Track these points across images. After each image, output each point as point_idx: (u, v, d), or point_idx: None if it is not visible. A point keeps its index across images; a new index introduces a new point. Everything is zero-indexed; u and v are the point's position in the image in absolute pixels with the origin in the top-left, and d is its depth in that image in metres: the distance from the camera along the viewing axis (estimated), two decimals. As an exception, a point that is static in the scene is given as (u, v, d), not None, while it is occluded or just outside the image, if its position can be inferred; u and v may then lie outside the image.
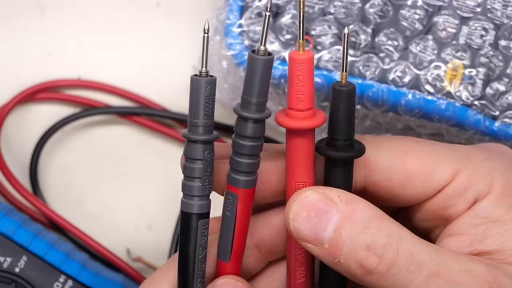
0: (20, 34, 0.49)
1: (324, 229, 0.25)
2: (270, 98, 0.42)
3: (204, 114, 0.25)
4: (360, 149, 0.27)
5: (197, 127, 0.26)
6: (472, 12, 0.39)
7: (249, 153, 0.26)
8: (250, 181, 0.27)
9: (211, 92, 0.25)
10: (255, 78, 0.25)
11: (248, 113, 0.26)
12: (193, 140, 0.26)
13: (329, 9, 0.40)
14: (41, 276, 0.40)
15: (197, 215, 0.27)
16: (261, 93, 0.25)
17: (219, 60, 0.42)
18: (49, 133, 0.47)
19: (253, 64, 0.25)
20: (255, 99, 0.26)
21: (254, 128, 0.26)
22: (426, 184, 0.28)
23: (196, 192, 0.26)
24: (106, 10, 0.49)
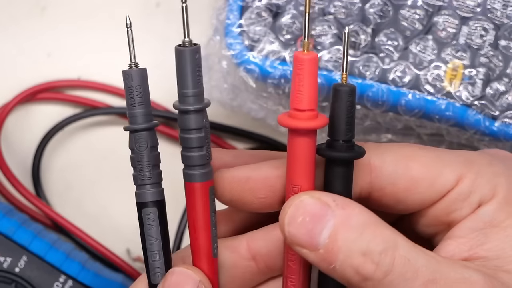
0: (20, 34, 0.49)
1: (320, 234, 0.25)
2: (270, 98, 0.42)
3: (139, 103, 0.26)
4: (360, 151, 0.27)
5: (136, 117, 0.26)
6: (472, 12, 0.39)
7: (198, 145, 0.26)
8: (207, 173, 0.27)
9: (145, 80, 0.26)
10: (186, 70, 0.26)
11: (187, 106, 0.26)
12: (134, 130, 0.26)
13: (329, 9, 0.40)
14: (41, 276, 0.40)
15: (140, 204, 0.27)
16: (195, 83, 0.26)
17: (219, 60, 0.42)
18: (51, 133, 0.47)
19: (181, 57, 0.26)
20: (191, 90, 0.26)
21: (198, 119, 0.26)
22: (431, 189, 0.28)
23: (146, 181, 0.27)
24: (106, 10, 0.49)
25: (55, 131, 0.47)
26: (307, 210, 0.26)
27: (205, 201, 0.27)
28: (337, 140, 0.27)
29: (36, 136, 0.48)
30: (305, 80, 0.26)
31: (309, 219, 0.25)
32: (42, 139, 0.47)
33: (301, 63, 0.26)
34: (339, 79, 0.39)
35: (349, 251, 0.25)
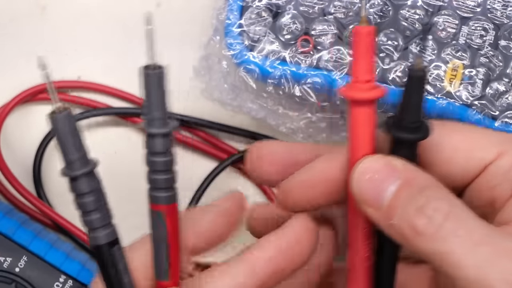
0: (19, 34, 0.49)
1: (385, 191, 0.26)
2: (270, 98, 0.42)
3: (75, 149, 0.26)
4: (427, 130, 0.27)
5: (73, 163, 0.26)
6: (472, 12, 0.39)
7: (165, 168, 0.26)
8: (173, 196, 0.27)
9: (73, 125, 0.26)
10: (153, 93, 0.26)
11: (155, 129, 0.26)
12: (74, 177, 0.26)
13: (329, 9, 0.40)
14: (41, 276, 0.40)
15: (107, 244, 0.26)
16: (162, 106, 0.26)
17: (219, 60, 0.42)
18: (52, 134, 0.47)
19: (148, 80, 0.26)
20: (158, 113, 0.26)
21: (164, 143, 0.26)
22: (471, 161, 0.28)
23: (100, 223, 0.26)
24: (106, 10, 0.49)
25: (56, 131, 0.47)
26: (376, 169, 0.26)
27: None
28: (405, 120, 0.27)
29: (36, 137, 0.48)
30: (364, 51, 0.26)
31: (377, 176, 0.26)
32: (43, 140, 0.47)
33: (359, 36, 0.26)
34: (339, 79, 0.39)
35: (406, 206, 0.25)
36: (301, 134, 0.44)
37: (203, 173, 0.47)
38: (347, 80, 0.40)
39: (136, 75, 0.49)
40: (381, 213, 0.26)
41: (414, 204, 0.25)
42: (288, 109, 0.42)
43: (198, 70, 0.43)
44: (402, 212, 0.25)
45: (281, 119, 0.43)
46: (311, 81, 0.40)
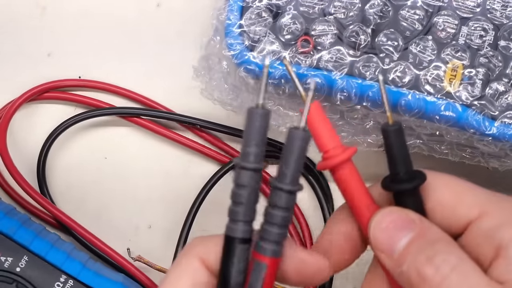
0: (20, 34, 0.49)
1: (398, 241, 0.28)
2: (270, 98, 0.42)
3: (256, 144, 0.26)
4: (421, 177, 0.29)
5: (249, 156, 0.26)
6: (472, 12, 0.39)
7: (282, 223, 0.27)
8: (279, 251, 0.27)
9: (265, 124, 0.26)
10: (294, 154, 0.27)
11: (284, 185, 0.27)
12: (243, 167, 0.26)
13: (329, 9, 0.40)
14: (42, 275, 0.40)
15: (239, 239, 0.27)
16: (299, 166, 0.27)
17: (219, 60, 0.42)
18: (56, 132, 0.47)
19: (295, 142, 0.27)
20: (293, 171, 0.27)
21: (290, 200, 0.27)
22: (453, 216, 0.29)
23: (241, 217, 0.27)
24: (106, 10, 0.50)
25: (61, 130, 0.47)
26: (393, 219, 0.28)
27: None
28: (397, 173, 0.29)
29: (41, 135, 0.48)
30: (318, 125, 0.29)
31: (392, 226, 0.28)
32: (47, 138, 0.47)
33: (309, 111, 0.27)
34: (339, 79, 0.39)
35: (417, 255, 0.27)
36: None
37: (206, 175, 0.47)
38: (347, 80, 0.40)
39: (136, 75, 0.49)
40: (393, 260, 0.28)
41: (424, 254, 0.27)
42: (288, 109, 0.43)
43: (198, 70, 0.43)
44: (412, 260, 0.27)
45: (281, 119, 0.43)
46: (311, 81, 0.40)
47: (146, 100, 0.48)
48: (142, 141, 0.49)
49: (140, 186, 0.48)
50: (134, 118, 0.48)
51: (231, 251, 0.27)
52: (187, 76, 0.44)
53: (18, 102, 0.47)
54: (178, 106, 0.48)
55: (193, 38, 0.45)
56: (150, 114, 0.48)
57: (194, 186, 0.47)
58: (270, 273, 0.27)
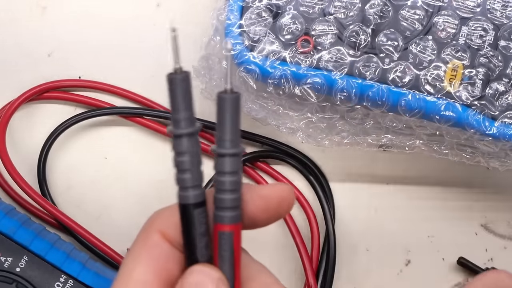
0: (20, 34, 0.49)
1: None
2: (270, 98, 0.42)
3: (184, 109, 0.26)
4: None
5: (180, 122, 0.26)
6: (472, 12, 0.39)
7: (233, 188, 0.27)
8: (238, 216, 0.27)
9: (188, 86, 0.26)
10: (227, 117, 0.26)
11: (226, 150, 0.27)
12: (178, 135, 0.26)
13: (329, 9, 0.40)
14: (42, 275, 0.40)
15: (193, 205, 0.27)
16: (236, 128, 0.26)
17: (219, 60, 0.42)
18: (56, 132, 0.47)
19: (223, 104, 0.26)
20: (231, 135, 0.26)
21: (235, 163, 0.27)
22: None
23: (189, 183, 0.27)
24: (106, 10, 0.50)
25: (61, 130, 0.47)
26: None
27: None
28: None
29: (41, 135, 0.48)
30: None
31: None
32: (47, 138, 0.47)
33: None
34: (339, 78, 0.39)
35: None
36: (301, 134, 0.44)
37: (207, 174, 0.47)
38: (347, 80, 0.40)
39: (136, 75, 0.49)
40: None
41: None
42: (288, 109, 0.43)
43: (198, 70, 0.43)
44: None
45: (281, 119, 0.43)
46: (311, 81, 0.40)
47: (146, 100, 0.48)
48: (142, 141, 0.49)
49: (140, 186, 0.48)
50: (135, 118, 0.48)
51: (189, 219, 0.27)
52: (187, 76, 0.43)
53: (18, 102, 0.47)
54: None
55: (193, 38, 0.45)
56: (150, 114, 0.48)
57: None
58: (236, 239, 0.27)
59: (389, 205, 0.48)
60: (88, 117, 0.47)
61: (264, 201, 0.28)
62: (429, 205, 0.48)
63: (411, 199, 0.48)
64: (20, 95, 0.47)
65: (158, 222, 0.28)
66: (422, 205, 0.48)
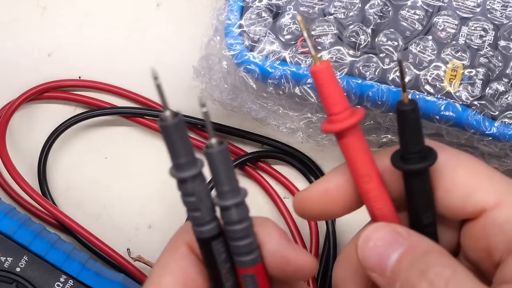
0: (20, 34, 0.49)
1: (388, 258, 0.27)
2: (270, 98, 0.42)
3: (183, 153, 0.25)
4: (432, 158, 0.28)
5: (181, 166, 0.26)
6: (472, 12, 0.39)
7: (245, 234, 0.27)
8: (258, 257, 0.27)
9: (183, 130, 0.25)
10: (220, 170, 0.26)
11: (228, 201, 0.26)
12: (182, 179, 0.26)
13: (329, 9, 0.40)
14: (42, 275, 0.40)
15: (209, 238, 0.27)
16: (231, 178, 0.26)
17: (219, 60, 0.42)
18: (57, 132, 0.47)
19: (213, 159, 0.26)
20: (228, 186, 0.26)
21: (240, 211, 0.26)
22: (467, 199, 0.28)
23: (201, 220, 0.27)
24: (106, 10, 0.50)
25: (61, 130, 0.47)
26: (379, 236, 0.27)
27: None
28: (407, 150, 0.28)
29: (41, 135, 0.48)
30: (327, 87, 0.28)
31: (380, 243, 0.27)
32: (48, 138, 0.47)
33: (317, 75, 0.27)
34: (339, 79, 0.39)
35: (409, 271, 0.26)
36: (301, 134, 0.44)
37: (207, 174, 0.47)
38: (347, 80, 0.40)
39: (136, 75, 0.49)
40: (385, 278, 0.27)
41: (417, 269, 0.26)
42: (288, 109, 0.43)
43: (198, 70, 0.43)
44: (405, 277, 0.26)
45: (281, 119, 0.43)
46: (311, 81, 0.40)
47: (146, 100, 0.48)
48: (142, 140, 0.49)
49: (140, 186, 0.48)
50: (135, 117, 0.48)
51: (208, 250, 0.27)
52: (187, 76, 0.44)
53: (18, 102, 0.47)
54: (178, 106, 0.48)
55: (193, 38, 0.45)
56: (151, 114, 0.48)
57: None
58: (260, 278, 0.27)
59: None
60: (88, 117, 0.47)
61: (283, 261, 0.28)
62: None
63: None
64: (20, 95, 0.47)
65: (186, 234, 0.28)
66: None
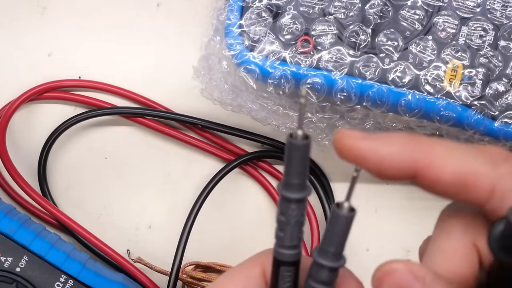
0: (20, 34, 0.49)
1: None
2: (270, 98, 0.42)
3: (298, 175, 0.25)
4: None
5: (292, 186, 0.25)
6: (472, 12, 0.39)
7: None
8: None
9: (307, 153, 0.25)
10: (337, 231, 0.25)
11: (326, 262, 0.26)
12: (287, 198, 0.25)
13: (329, 9, 0.40)
14: (42, 275, 0.40)
15: (282, 262, 0.26)
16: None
17: (219, 60, 0.42)
18: (57, 132, 0.47)
19: (337, 220, 0.25)
20: (336, 249, 0.26)
21: (330, 276, 0.26)
22: (469, 193, 0.25)
23: (285, 243, 0.26)
24: (106, 10, 0.50)
25: (61, 130, 0.47)
26: (396, 280, 0.25)
27: None
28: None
29: (42, 135, 0.48)
30: None
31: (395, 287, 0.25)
32: (48, 138, 0.47)
33: None
34: (339, 78, 0.39)
35: None
36: (301, 134, 0.44)
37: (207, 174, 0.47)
38: (347, 80, 0.40)
39: (136, 75, 0.49)
40: None
41: None
42: (288, 109, 0.43)
43: (198, 70, 0.43)
44: None
45: (281, 119, 0.43)
46: (311, 81, 0.40)
47: (146, 100, 0.48)
48: (142, 140, 0.48)
49: (140, 186, 0.48)
50: (136, 117, 0.48)
51: (275, 272, 0.27)
52: (187, 76, 0.44)
53: (18, 102, 0.47)
54: (178, 106, 0.48)
55: (193, 38, 0.45)
56: (151, 114, 0.48)
57: (195, 186, 0.47)
58: None
59: (389, 205, 0.48)
60: (88, 117, 0.47)
61: None
62: (429, 205, 0.48)
63: (411, 199, 0.48)
64: (20, 95, 0.47)
65: (265, 258, 0.27)
66: (422, 205, 0.48)
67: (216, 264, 0.46)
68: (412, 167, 0.26)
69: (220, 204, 0.47)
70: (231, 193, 0.48)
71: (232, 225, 0.47)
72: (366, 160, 0.26)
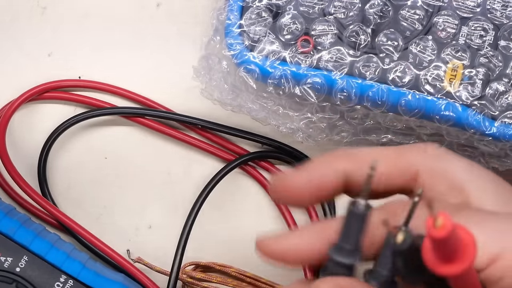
0: (20, 34, 0.49)
1: None
2: (270, 98, 0.42)
3: (354, 242, 0.25)
4: None
5: (343, 251, 0.25)
6: (472, 12, 0.39)
7: None
8: None
9: (365, 223, 0.25)
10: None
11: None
12: (337, 262, 0.25)
13: (329, 9, 0.40)
14: (42, 275, 0.40)
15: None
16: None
17: (219, 60, 0.42)
18: (57, 132, 0.47)
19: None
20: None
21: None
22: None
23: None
24: (106, 10, 0.50)
25: (61, 130, 0.47)
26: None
27: None
28: None
29: (41, 135, 0.48)
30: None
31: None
32: (48, 138, 0.47)
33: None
34: (339, 78, 0.39)
35: None
36: (301, 134, 0.44)
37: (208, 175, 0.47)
38: (347, 80, 0.40)
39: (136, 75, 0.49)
40: None
41: None
42: (288, 109, 0.43)
43: (198, 70, 0.43)
44: None
45: (281, 119, 0.43)
46: (311, 81, 0.40)
47: (146, 100, 0.48)
48: (142, 140, 0.48)
49: (140, 186, 0.48)
50: (136, 118, 0.48)
51: None
52: (187, 76, 0.44)
53: (18, 102, 0.47)
54: (178, 106, 0.48)
55: (193, 38, 0.45)
56: (152, 114, 0.48)
57: (195, 186, 0.47)
58: None
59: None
60: (88, 117, 0.47)
61: None
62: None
63: (411, 199, 0.48)
64: (20, 95, 0.47)
65: None
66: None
67: (216, 264, 0.46)
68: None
69: (220, 204, 0.47)
70: (231, 193, 0.48)
71: (232, 225, 0.47)
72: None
